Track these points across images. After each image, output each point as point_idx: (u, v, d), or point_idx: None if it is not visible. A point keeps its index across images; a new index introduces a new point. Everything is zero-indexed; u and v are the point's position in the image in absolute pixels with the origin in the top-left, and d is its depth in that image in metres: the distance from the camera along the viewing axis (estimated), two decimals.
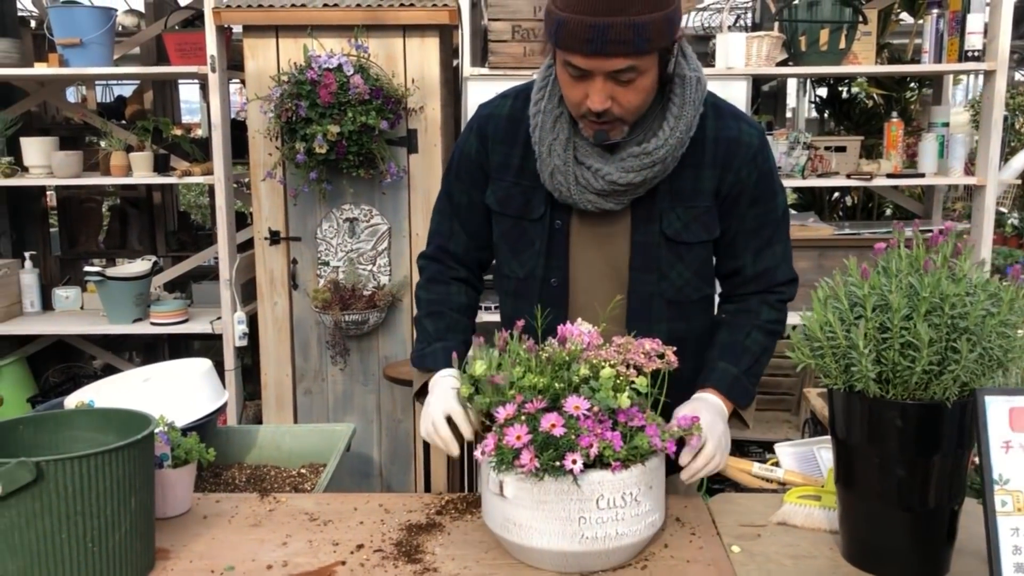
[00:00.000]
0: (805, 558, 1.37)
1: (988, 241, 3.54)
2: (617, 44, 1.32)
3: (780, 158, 3.64)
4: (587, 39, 1.32)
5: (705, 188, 1.54)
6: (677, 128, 1.47)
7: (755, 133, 1.57)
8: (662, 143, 1.47)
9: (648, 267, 1.57)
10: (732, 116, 1.56)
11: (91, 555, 1.25)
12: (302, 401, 3.62)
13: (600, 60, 1.35)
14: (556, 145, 1.50)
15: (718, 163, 1.54)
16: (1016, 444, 1.09)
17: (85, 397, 1.88)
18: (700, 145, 1.52)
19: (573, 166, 1.50)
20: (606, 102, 1.39)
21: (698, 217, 1.55)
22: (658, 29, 1.34)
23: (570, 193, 1.52)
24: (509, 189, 1.61)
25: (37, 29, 4.52)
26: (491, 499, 1.34)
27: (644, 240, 1.56)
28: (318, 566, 1.36)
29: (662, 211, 1.54)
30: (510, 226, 1.62)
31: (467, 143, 1.65)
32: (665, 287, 1.58)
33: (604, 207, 1.52)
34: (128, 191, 5.18)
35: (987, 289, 1.22)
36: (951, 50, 3.50)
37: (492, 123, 1.62)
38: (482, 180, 1.64)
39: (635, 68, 1.36)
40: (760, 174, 1.56)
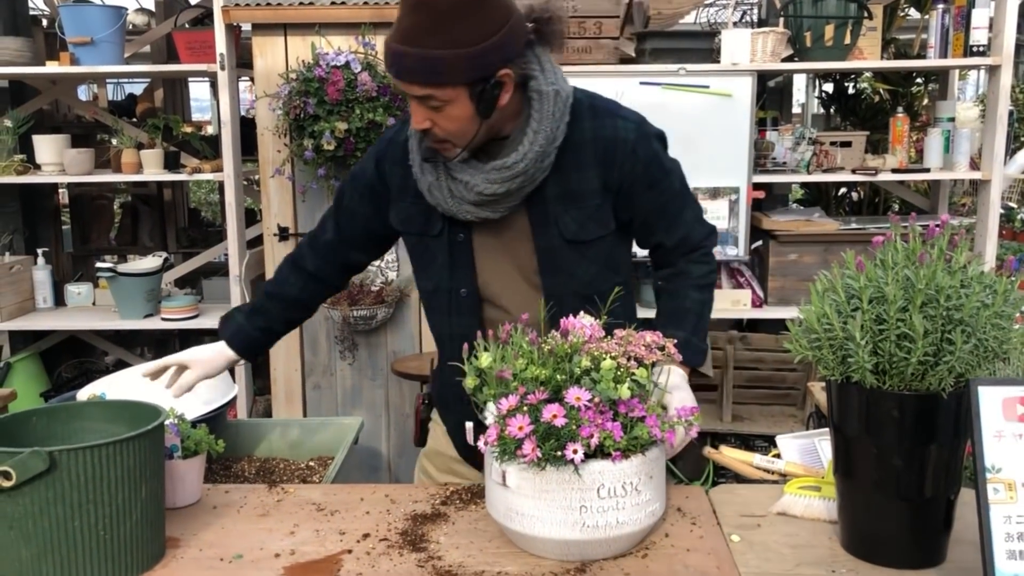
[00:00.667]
0: (804, 547, 1.39)
1: (993, 235, 3.54)
2: (410, 72, 1.44)
3: (785, 153, 3.65)
4: (391, 64, 1.46)
5: (592, 187, 1.62)
6: (536, 142, 1.55)
7: (631, 126, 1.63)
8: (521, 157, 1.55)
9: (555, 269, 1.65)
10: (608, 114, 1.64)
11: (103, 543, 1.28)
12: (311, 396, 3.66)
13: (403, 85, 1.48)
14: (426, 164, 1.61)
15: (599, 161, 1.61)
16: (1008, 433, 1.11)
17: (97, 390, 1.91)
18: (581, 147, 1.61)
19: (447, 181, 1.60)
20: (424, 122, 1.50)
21: (591, 215, 1.63)
22: (452, 66, 1.42)
23: (448, 205, 1.61)
24: (409, 209, 1.70)
25: (49, 28, 4.56)
26: (494, 489, 1.37)
27: (546, 244, 1.64)
28: (325, 555, 1.39)
29: (556, 215, 1.62)
30: (415, 243, 1.73)
31: (366, 166, 1.77)
32: (575, 284, 1.65)
33: (482, 216, 1.61)
34: (139, 188, 5.23)
35: (982, 281, 1.23)
36: (956, 45, 3.51)
37: (390, 149, 1.72)
38: (371, 198, 1.76)
39: (434, 97, 1.46)
40: (644, 163, 1.63)
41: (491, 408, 1.35)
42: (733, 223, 3.55)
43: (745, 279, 3.73)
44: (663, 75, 3.47)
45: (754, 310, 3.68)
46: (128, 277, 3.74)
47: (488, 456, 1.37)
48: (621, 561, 1.34)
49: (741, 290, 3.69)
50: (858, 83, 4.65)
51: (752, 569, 1.32)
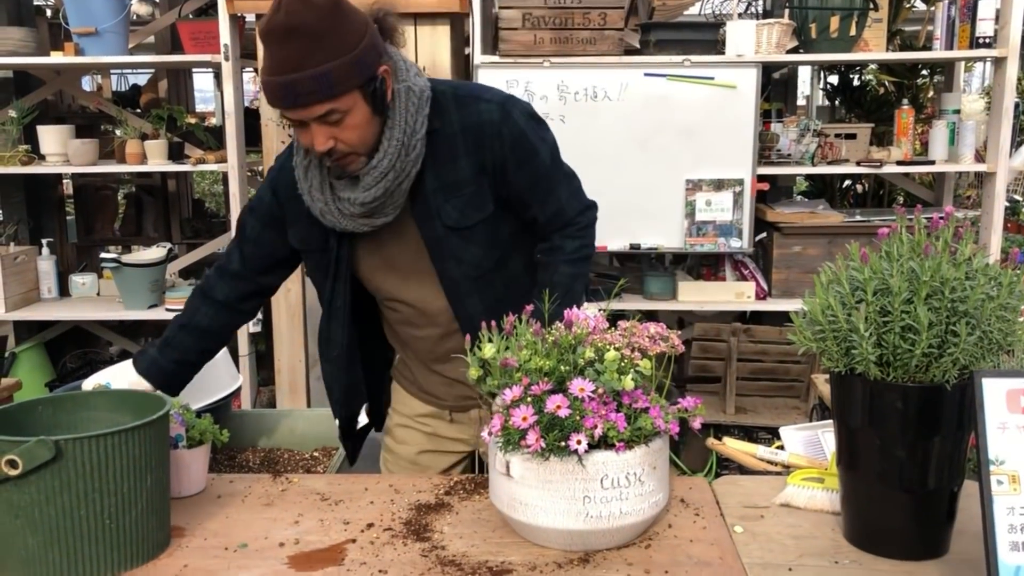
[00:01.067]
0: (807, 538, 1.39)
1: (998, 228, 3.53)
2: (307, 95, 1.48)
3: (790, 145, 3.65)
4: (281, 96, 1.50)
5: (466, 176, 1.69)
6: (393, 138, 1.60)
7: (494, 108, 1.69)
8: (383, 155, 1.60)
9: (444, 256, 1.73)
10: (471, 100, 1.70)
11: (108, 531, 1.28)
12: (315, 386, 3.66)
13: (300, 111, 1.51)
14: (314, 190, 1.68)
15: (471, 149, 1.68)
16: (1012, 425, 1.11)
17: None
18: (450, 139, 1.67)
19: (334, 202, 1.66)
20: (328, 142, 1.55)
21: (469, 202, 1.70)
22: (340, 75, 1.49)
23: (343, 224, 1.68)
24: (308, 230, 1.76)
25: (53, 18, 4.56)
26: (498, 479, 1.37)
27: (431, 235, 1.72)
28: (329, 544, 1.40)
29: (437, 206, 1.70)
30: (317, 259, 1.81)
31: (264, 191, 1.83)
32: (466, 269, 1.74)
33: (377, 224, 1.68)
34: (143, 179, 5.24)
35: (987, 273, 1.23)
36: (962, 37, 3.49)
37: (282, 176, 1.77)
38: (272, 224, 1.81)
39: (336, 110, 1.52)
40: (511, 141, 1.69)
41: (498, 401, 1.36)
42: (737, 215, 3.55)
43: (749, 271, 3.73)
44: (668, 66, 3.46)
45: (758, 302, 3.68)
46: (132, 268, 3.75)
47: (492, 446, 1.37)
48: (624, 551, 1.35)
49: (745, 282, 3.69)
50: (863, 75, 4.64)
51: (755, 560, 1.32)
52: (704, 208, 3.54)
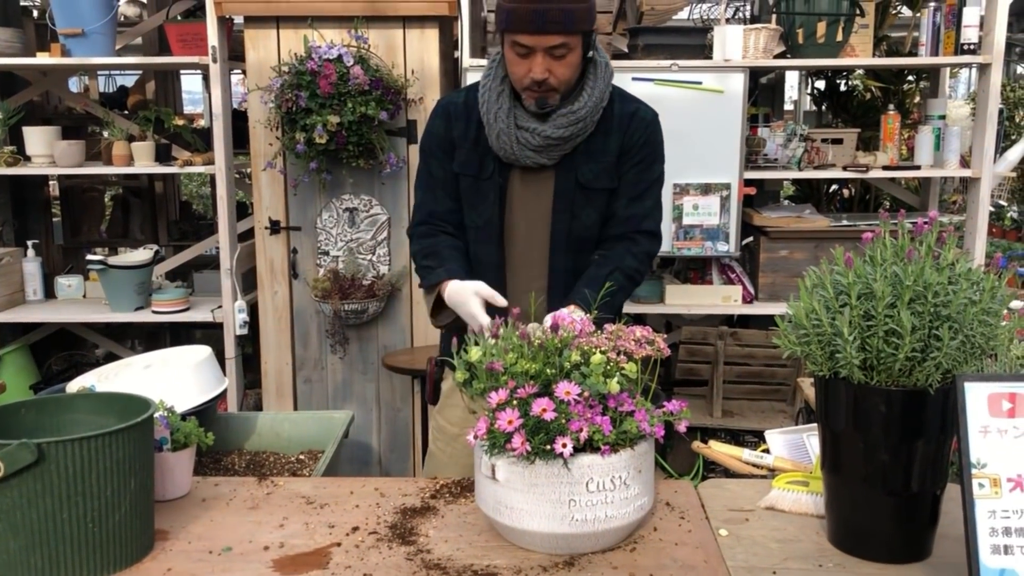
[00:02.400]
0: (791, 542, 1.40)
1: (983, 233, 3.56)
2: (553, 24, 1.76)
3: (776, 150, 3.66)
4: (531, 20, 1.76)
5: (611, 148, 1.95)
6: (592, 96, 1.89)
7: (650, 111, 2.00)
8: (583, 105, 1.88)
9: (564, 208, 1.95)
10: (633, 100, 2.00)
11: (91, 535, 1.28)
12: (302, 389, 3.65)
13: (541, 37, 1.77)
14: (500, 113, 1.90)
15: (621, 130, 1.95)
16: (994, 429, 1.12)
17: (86, 382, 1.90)
18: (609, 119, 1.94)
19: (515, 130, 1.89)
20: (545, 73, 1.81)
21: (605, 169, 1.95)
22: (582, 15, 1.79)
23: (513, 151, 1.90)
24: (467, 154, 1.98)
25: (39, 19, 4.54)
26: (484, 482, 1.37)
27: (564, 187, 1.94)
28: (314, 547, 1.39)
29: (579, 164, 1.94)
30: (470, 183, 1.99)
31: (434, 125, 2.03)
32: (576, 225, 1.95)
33: (540, 161, 1.92)
34: (130, 181, 5.20)
35: (969, 278, 1.24)
36: (947, 43, 3.52)
37: (452, 107, 2.01)
38: (450, 151, 2.00)
39: (567, 45, 1.79)
40: (648, 140, 1.97)
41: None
42: (724, 219, 3.56)
43: (736, 275, 3.74)
44: (656, 71, 3.47)
45: (745, 306, 3.70)
46: (119, 270, 3.73)
47: (478, 450, 1.37)
48: (610, 555, 1.35)
49: (732, 286, 3.70)
50: (850, 80, 4.66)
51: (739, 563, 1.32)
52: (691, 212, 3.55)
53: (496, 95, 1.91)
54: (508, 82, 1.91)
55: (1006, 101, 6.39)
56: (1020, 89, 6.80)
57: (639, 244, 1.97)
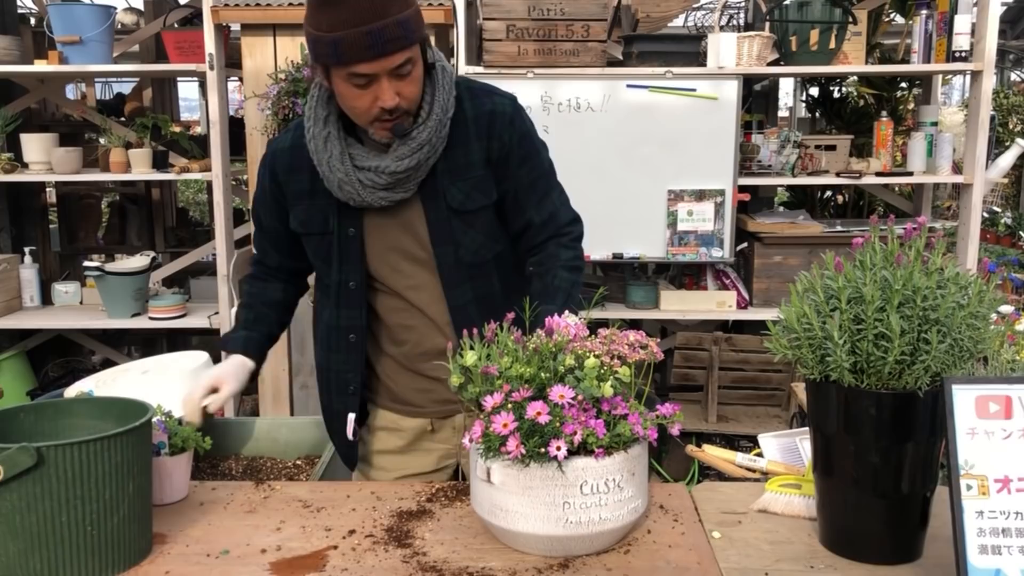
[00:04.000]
0: (783, 543, 1.41)
1: (975, 238, 3.58)
2: (394, 41, 1.52)
3: (770, 156, 3.69)
4: (368, 45, 1.50)
5: (475, 160, 1.73)
6: (432, 111, 1.65)
7: (507, 103, 1.76)
8: (423, 127, 1.65)
9: (444, 239, 1.75)
10: (485, 93, 1.76)
11: (90, 538, 1.29)
12: (298, 395, 3.66)
13: (383, 60, 1.53)
14: (333, 161, 1.67)
15: (482, 135, 1.72)
16: (981, 431, 1.14)
17: (85, 387, 1.91)
18: (463, 124, 1.71)
19: (355, 173, 1.67)
20: (395, 98, 1.57)
21: (476, 186, 1.74)
22: (416, 22, 1.56)
23: (361, 197, 1.69)
24: (308, 211, 1.78)
25: (37, 26, 4.55)
26: (479, 485, 1.38)
27: (435, 216, 1.74)
28: (311, 550, 1.40)
29: (444, 188, 1.72)
30: (317, 242, 1.80)
31: (263, 178, 1.84)
32: (463, 254, 1.76)
33: (395, 198, 1.70)
34: (127, 187, 5.22)
35: (958, 282, 1.26)
36: (939, 51, 3.54)
37: (279, 157, 1.79)
38: (278, 209, 1.83)
39: (411, 60, 1.57)
40: (519, 135, 1.75)
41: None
42: (719, 225, 3.58)
43: (730, 281, 3.76)
44: (650, 78, 3.50)
45: (739, 311, 3.71)
46: (115, 276, 3.74)
47: (473, 453, 1.38)
48: (604, 557, 1.36)
49: (726, 291, 3.72)
50: (843, 87, 4.69)
51: (732, 565, 1.34)
52: (686, 218, 3.57)
53: (323, 141, 1.68)
54: (333, 121, 1.68)
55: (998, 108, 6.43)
56: (1013, 96, 6.84)
57: (568, 234, 1.81)
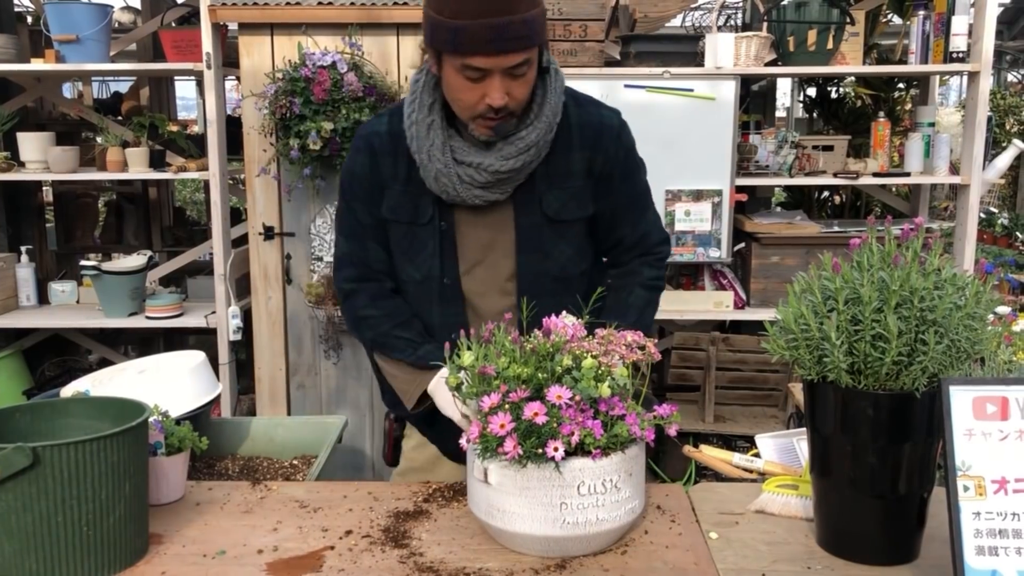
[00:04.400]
0: (780, 544, 1.41)
1: (972, 239, 3.58)
2: (516, 40, 1.46)
3: (768, 157, 3.69)
4: (490, 39, 1.45)
5: (576, 169, 1.68)
6: (543, 114, 1.61)
7: (613, 115, 1.73)
8: (531, 128, 1.60)
9: (532, 247, 1.69)
10: (591, 103, 1.73)
11: (86, 538, 1.28)
12: (295, 395, 3.66)
13: (501, 58, 1.47)
14: (434, 150, 1.61)
15: (586, 145, 1.68)
16: (978, 432, 1.14)
17: (81, 387, 1.91)
18: (567, 131, 1.66)
19: (454, 167, 1.61)
20: (504, 97, 1.52)
21: (574, 196, 1.69)
22: (540, 23, 1.50)
23: (456, 192, 1.63)
24: (399, 197, 1.70)
25: (34, 25, 4.55)
26: (476, 486, 1.38)
27: (528, 223, 1.68)
28: (307, 551, 1.40)
29: (541, 194, 1.67)
30: (403, 232, 1.71)
31: (357, 163, 1.72)
32: (549, 265, 1.70)
33: (490, 198, 1.64)
34: (124, 187, 5.21)
35: (955, 283, 1.26)
36: (937, 51, 3.55)
37: (375, 139, 1.71)
38: (378, 197, 1.72)
39: (528, 61, 1.51)
40: (626, 151, 1.73)
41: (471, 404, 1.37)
42: (716, 225, 3.58)
43: (728, 281, 3.76)
44: (648, 78, 3.50)
45: (736, 312, 3.71)
46: (112, 275, 3.73)
47: (470, 453, 1.38)
48: (601, 557, 1.36)
49: (724, 292, 3.72)
50: (841, 88, 4.69)
51: (729, 565, 1.34)
52: (683, 218, 3.57)
53: (426, 128, 1.62)
54: (437, 110, 1.62)
55: (995, 108, 6.44)
56: (1010, 96, 6.84)
57: (655, 254, 1.80)
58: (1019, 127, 6.77)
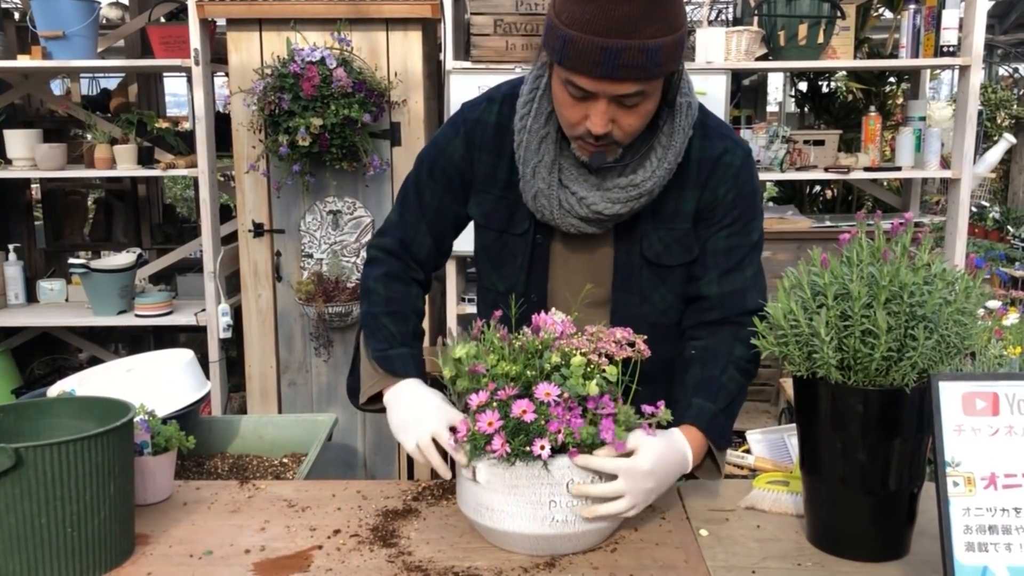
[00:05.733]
0: (770, 541, 1.40)
1: (963, 233, 3.59)
2: (629, 68, 1.27)
3: (759, 151, 3.68)
4: (597, 62, 1.26)
5: (687, 209, 1.51)
6: (666, 159, 1.43)
7: (739, 152, 1.52)
8: (650, 175, 1.43)
9: (630, 288, 1.54)
10: (718, 136, 1.52)
11: (70, 539, 1.27)
12: (286, 392, 3.65)
13: (608, 84, 1.29)
14: (541, 168, 1.46)
15: (700, 183, 1.50)
16: (968, 428, 1.13)
17: (67, 387, 1.90)
18: (684, 166, 1.47)
19: (557, 189, 1.46)
20: (608, 125, 1.35)
21: (679, 239, 1.52)
22: (668, 53, 1.29)
23: (552, 216, 1.48)
24: (495, 203, 1.56)
25: (20, 21, 4.51)
26: (465, 484, 1.37)
27: (626, 261, 1.53)
28: (295, 550, 1.39)
29: (643, 233, 1.51)
30: (493, 239, 1.59)
31: (451, 145, 1.57)
32: (648, 310, 1.55)
33: (586, 231, 1.49)
34: (113, 184, 5.18)
35: (944, 278, 1.25)
36: (927, 45, 3.55)
37: (480, 130, 1.55)
38: (459, 188, 1.59)
39: (643, 92, 1.32)
40: (739, 194, 1.51)
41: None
42: None
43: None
44: None
45: None
46: (101, 273, 3.71)
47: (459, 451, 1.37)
48: (591, 555, 1.35)
49: None
50: (832, 82, 4.69)
51: (719, 563, 1.33)
52: None
53: (538, 141, 1.45)
54: (553, 121, 1.44)
55: (986, 103, 6.45)
56: (1001, 91, 6.86)
57: (746, 327, 1.39)
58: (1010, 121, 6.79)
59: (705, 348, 1.51)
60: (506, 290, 1.59)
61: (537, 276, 1.57)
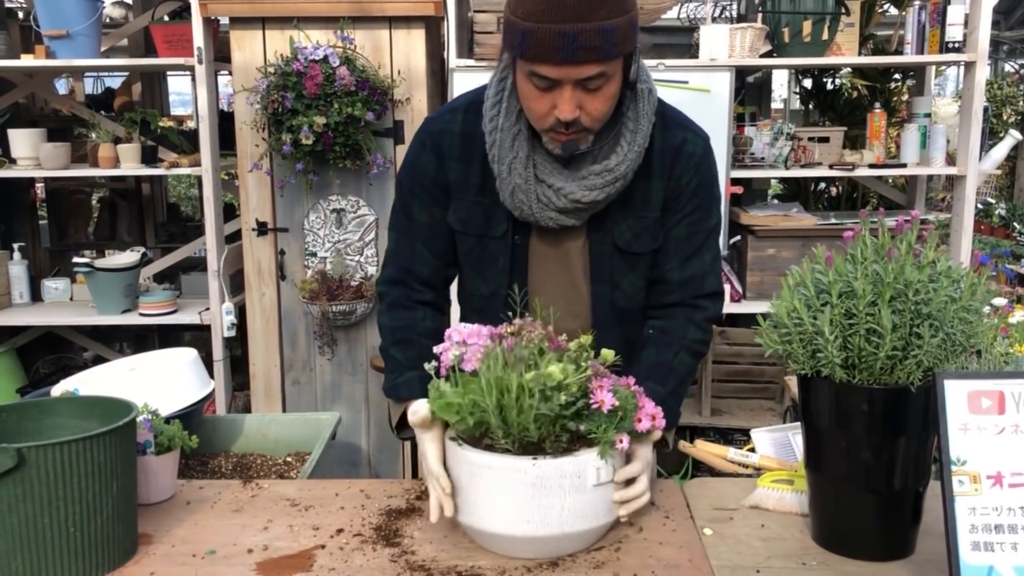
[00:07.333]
0: (775, 540, 1.40)
1: (969, 230, 3.57)
2: (587, 51, 1.32)
3: (763, 149, 3.67)
4: (557, 47, 1.31)
5: (654, 199, 1.56)
6: (635, 142, 1.48)
7: (699, 142, 1.58)
8: (622, 159, 1.48)
9: (602, 278, 1.60)
10: (678, 125, 1.58)
11: (73, 539, 1.27)
12: (290, 391, 3.64)
13: (570, 68, 1.34)
14: (516, 164, 1.49)
15: (664, 172, 1.55)
16: (973, 426, 1.12)
17: (70, 386, 1.90)
18: (648, 156, 1.53)
19: (534, 184, 1.50)
20: (575, 111, 1.39)
21: (648, 227, 1.57)
22: (624, 33, 1.34)
23: (531, 211, 1.52)
24: (470, 208, 1.59)
25: (24, 20, 4.51)
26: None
27: (599, 252, 1.58)
28: (298, 550, 1.39)
29: (613, 222, 1.56)
30: (473, 244, 1.61)
31: (422, 159, 1.60)
32: (617, 296, 1.61)
33: (565, 223, 1.53)
34: (117, 183, 5.19)
35: (950, 276, 1.24)
36: (933, 41, 3.53)
37: (447, 139, 1.58)
38: (442, 198, 1.61)
39: (604, 74, 1.36)
40: (701, 182, 1.57)
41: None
42: None
43: (724, 274, 3.75)
44: None
45: (733, 304, 3.70)
46: (106, 272, 3.72)
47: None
48: (594, 554, 1.35)
49: None
50: (836, 79, 4.67)
51: (723, 562, 1.33)
52: None
53: (511, 139, 1.49)
54: (524, 119, 1.48)
55: (992, 99, 6.43)
56: (1007, 87, 6.83)
57: (702, 310, 1.60)
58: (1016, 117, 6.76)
59: (662, 330, 1.61)
60: (490, 293, 1.62)
61: (519, 276, 1.60)
